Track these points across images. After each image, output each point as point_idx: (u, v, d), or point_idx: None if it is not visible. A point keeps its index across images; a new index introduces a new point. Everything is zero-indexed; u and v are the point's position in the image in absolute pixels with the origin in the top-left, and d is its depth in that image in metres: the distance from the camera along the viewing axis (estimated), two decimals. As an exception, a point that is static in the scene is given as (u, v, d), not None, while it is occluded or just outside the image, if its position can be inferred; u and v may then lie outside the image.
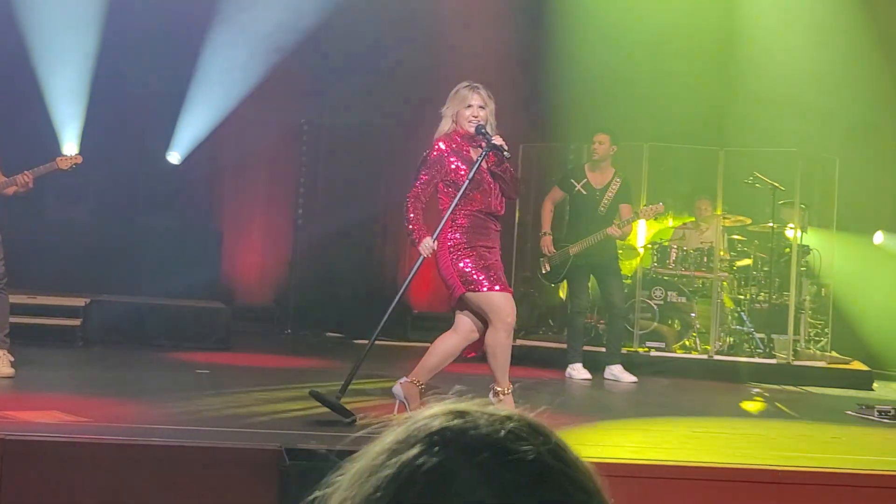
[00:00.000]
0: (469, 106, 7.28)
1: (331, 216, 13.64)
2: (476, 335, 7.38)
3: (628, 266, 12.39)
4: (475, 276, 7.15)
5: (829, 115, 13.05)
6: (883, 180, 13.33)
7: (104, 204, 13.10)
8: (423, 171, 7.34)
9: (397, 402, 7.38)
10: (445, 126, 7.39)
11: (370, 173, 13.68)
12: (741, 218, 12.42)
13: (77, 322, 10.60)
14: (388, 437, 1.32)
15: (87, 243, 12.64)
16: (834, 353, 12.29)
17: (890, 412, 8.80)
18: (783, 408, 9.33)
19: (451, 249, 7.26)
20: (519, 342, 11.72)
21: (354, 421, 6.68)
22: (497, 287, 7.18)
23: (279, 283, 14.02)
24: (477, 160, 7.22)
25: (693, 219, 12.66)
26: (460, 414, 1.32)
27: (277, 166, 13.91)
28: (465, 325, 7.39)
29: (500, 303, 7.20)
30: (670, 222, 13.05)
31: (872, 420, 8.70)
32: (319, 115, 13.74)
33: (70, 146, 12.02)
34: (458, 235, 7.27)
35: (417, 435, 1.29)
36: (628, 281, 12.17)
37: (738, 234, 12.65)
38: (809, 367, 11.73)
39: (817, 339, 12.55)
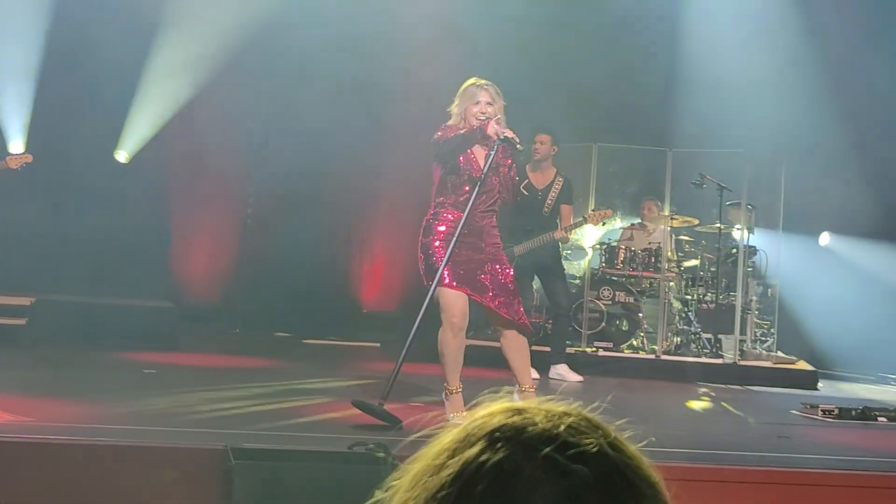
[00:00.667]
0: (477, 103, 7.28)
1: (280, 215, 13.60)
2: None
3: (576, 266, 12.44)
4: (436, 269, 7.13)
5: (776, 116, 13.16)
6: (829, 181, 13.46)
7: (51, 202, 12.99)
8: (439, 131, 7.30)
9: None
10: (453, 123, 7.38)
11: (320, 173, 13.64)
12: (689, 219, 12.50)
13: (22, 321, 10.50)
14: (447, 438, 1.33)
15: (34, 242, 12.53)
16: (780, 353, 12.40)
17: (834, 411, 8.88)
18: (729, 407, 9.39)
19: (433, 240, 7.23)
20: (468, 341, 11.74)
21: (401, 427, 6.60)
22: (454, 284, 7.18)
23: (228, 283, 13.96)
24: (489, 154, 7.20)
25: (640, 220, 12.72)
26: (518, 411, 1.33)
27: (226, 165, 13.84)
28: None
29: (450, 301, 7.20)
30: (618, 223, 13.11)
31: (816, 419, 8.78)
32: (269, 114, 13.69)
33: (16, 144, 11.91)
34: (443, 228, 7.25)
35: (478, 433, 1.30)
36: (576, 281, 12.22)
37: (685, 235, 12.74)
38: (755, 366, 11.82)
39: (763, 339, 12.65)
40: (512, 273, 7.48)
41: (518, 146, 7.25)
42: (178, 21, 12.80)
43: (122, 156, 13.07)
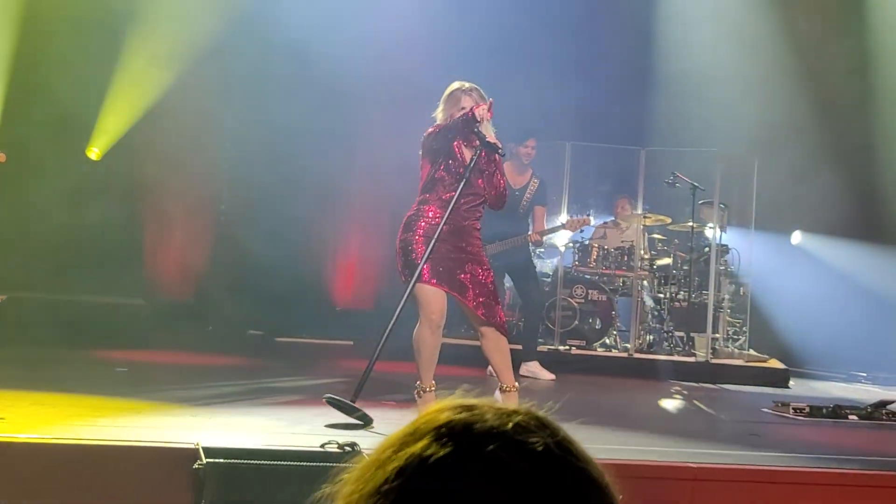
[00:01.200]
0: (462, 108, 7.26)
1: (253, 213, 13.56)
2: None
3: (549, 264, 12.47)
4: (415, 266, 7.12)
5: (748, 114, 13.22)
6: (801, 180, 13.52)
7: (22, 199, 12.90)
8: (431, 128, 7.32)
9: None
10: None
11: (293, 171, 13.61)
12: (661, 217, 12.54)
13: (-7, 319, 10.46)
14: (396, 433, 1.34)
15: (4, 239, 12.45)
16: (752, 352, 12.45)
17: (805, 409, 8.92)
18: (701, 405, 9.42)
19: (413, 236, 7.22)
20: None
21: (371, 424, 6.64)
22: (433, 281, 7.17)
23: (200, 280, 13.90)
24: (472, 157, 7.19)
25: (613, 218, 12.75)
26: (467, 408, 1.33)
27: (199, 162, 13.78)
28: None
29: (429, 297, 7.19)
30: (591, 221, 13.15)
31: (788, 418, 8.82)
32: (242, 111, 13.64)
33: None
34: (424, 224, 7.24)
35: (425, 429, 1.31)
36: (549, 279, 12.25)
37: (658, 234, 12.78)
38: (728, 364, 11.87)
39: (735, 337, 12.70)
40: (492, 276, 7.47)
41: (500, 151, 7.25)
42: (150, 17, 12.74)
43: (93, 152, 13.00)
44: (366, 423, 6.69)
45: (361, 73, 13.37)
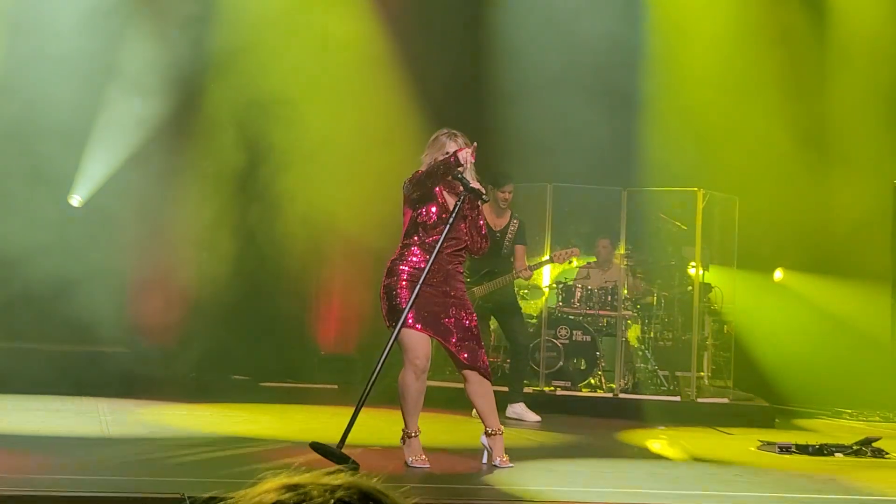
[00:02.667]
0: (446, 153, 7.28)
1: (235, 258, 13.54)
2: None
3: (534, 305, 12.48)
4: (400, 311, 7.10)
5: (729, 153, 13.28)
6: (781, 218, 13.58)
7: (2, 246, 12.86)
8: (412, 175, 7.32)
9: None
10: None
11: (275, 215, 13.61)
12: (644, 257, 12.57)
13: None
14: None
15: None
16: (737, 390, 12.46)
17: (791, 448, 8.93)
18: (687, 445, 9.41)
19: (397, 281, 7.21)
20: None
21: (357, 468, 6.58)
22: (418, 326, 7.17)
23: (183, 327, 13.86)
24: (456, 203, 7.20)
25: (594, 258, 12.77)
26: (293, 487, 1.33)
27: (180, 207, 13.77)
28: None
29: (414, 342, 7.18)
30: (574, 262, 13.17)
31: (774, 457, 8.82)
32: (222, 155, 13.64)
33: None
34: (407, 269, 7.24)
35: None
36: (534, 320, 12.25)
37: (641, 273, 12.79)
38: (713, 403, 11.87)
39: (720, 375, 12.71)
40: (476, 320, 7.46)
41: (484, 197, 7.28)
42: (129, 65, 12.77)
43: (75, 200, 12.99)
44: (352, 468, 6.65)
45: (344, 109, 13.43)
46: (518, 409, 10.67)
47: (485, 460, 7.47)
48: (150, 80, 12.84)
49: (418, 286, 7.05)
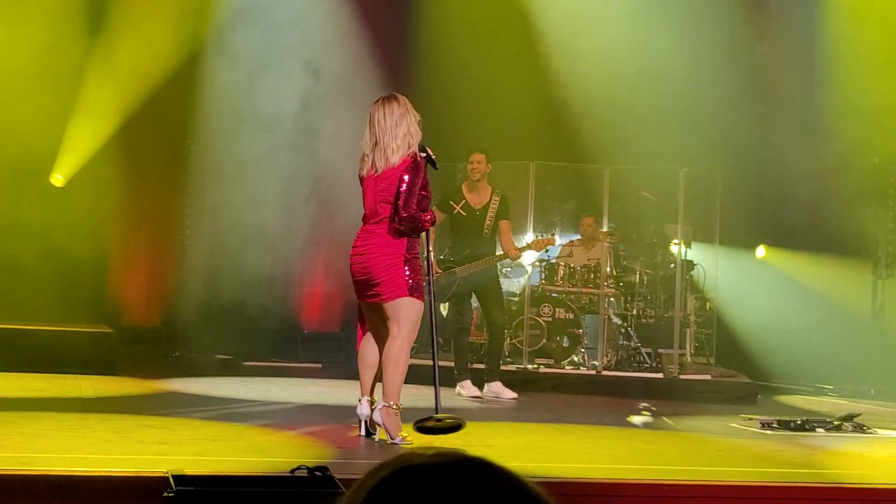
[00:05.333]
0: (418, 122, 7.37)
1: (218, 236, 13.52)
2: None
3: (516, 283, 12.49)
4: (419, 285, 7.27)
5: (711, 130, 13.29)
6: (763, 195, 13.61)
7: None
8: None
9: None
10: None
11: (258, 194, 13.60)
12: (627, 234, 12.59)
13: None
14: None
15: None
16: (719, 367, 12.50)
17: (773, 424, 8.97)
18: (669, 422, 9.45)
19: (405, 255, 7.28)
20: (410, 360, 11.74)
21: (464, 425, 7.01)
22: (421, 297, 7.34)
23: (167, 305, 13.85)
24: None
25: (579, 236, 12.79)
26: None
27: (164, 187, 13.75)
28: (384, 329, 7.34)
29: (420, 314, 7.33)
30: (557, 240, 13.20)
31: (756, 432, 8.86)
32: (207, 136, 13.62)
33: None
34: (407, 242, 7.30)
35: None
36: (516, 298, 12.26)
37: (623, 251, 12.80)
38: (695, 380, 11.91)
39: (702, 352, 12.75)
40: None
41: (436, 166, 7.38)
42: (112, 40, 12.73)
43: (57, 179, 12.95)
44: (462, 425, 7.01)
45: (332, 87, 13.43)
46: (495, 388, 10.67)
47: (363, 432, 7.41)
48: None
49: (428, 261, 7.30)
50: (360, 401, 7.36)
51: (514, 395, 10.64)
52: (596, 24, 13.34)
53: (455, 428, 6.99)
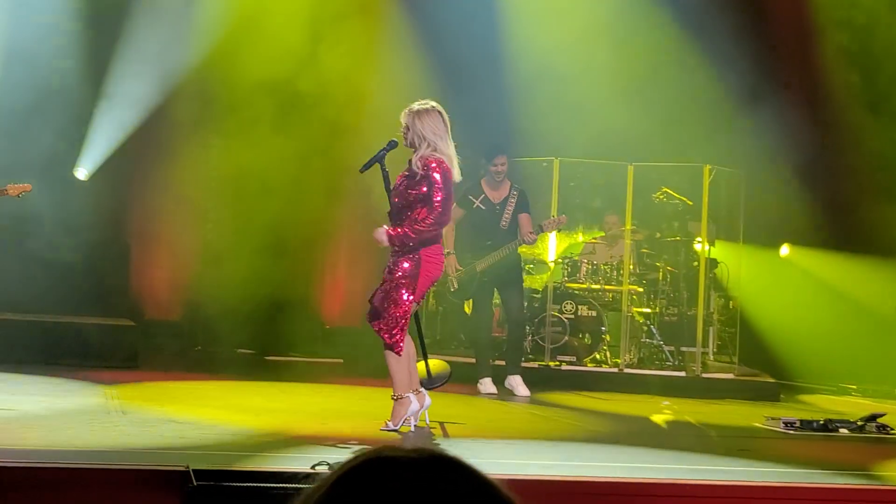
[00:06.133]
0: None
1: (240, 231, 13.53)
2: None
3: (539, 280, 12.46)
4: None
5: (736, 129, 13.23)
6: (788, 193, 13.52)
7: (9, 218, 12.86)
8: None
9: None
10: None
11: (280, 188, 13.60)
12: (650, 232, 12.54)
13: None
14: None
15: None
16: (742, 366, 12.44)
17: (795, 424, 8.92)
18: (691, 420, 9.41)
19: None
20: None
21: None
22: None
23: (188, 299, 13.86)
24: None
25: (603, 233, 12.76)
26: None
27: (186, 180, 13.75)
28: None
29: None
30: (580, 237, 13.17)
31: (779, 432, 8.81)
32: (227, 130, 13.62)
33: None
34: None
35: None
36: (538, 295, 12.22)
37: (647, 248, 12.75)
38: (718, 379, 11.86)
39: (725, 351, 12.69)
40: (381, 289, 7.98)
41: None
42: (136, 38, 12.73)
43: (81, 173, 12.97)
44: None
45: (348, 85, 13.42)
46: (513, 382, 10.66)
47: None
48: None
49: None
50: (414, 394, 7.59)
51: (527, 393, 10.59)
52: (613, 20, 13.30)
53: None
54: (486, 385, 10.58)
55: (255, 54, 12.79)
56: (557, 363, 11.86)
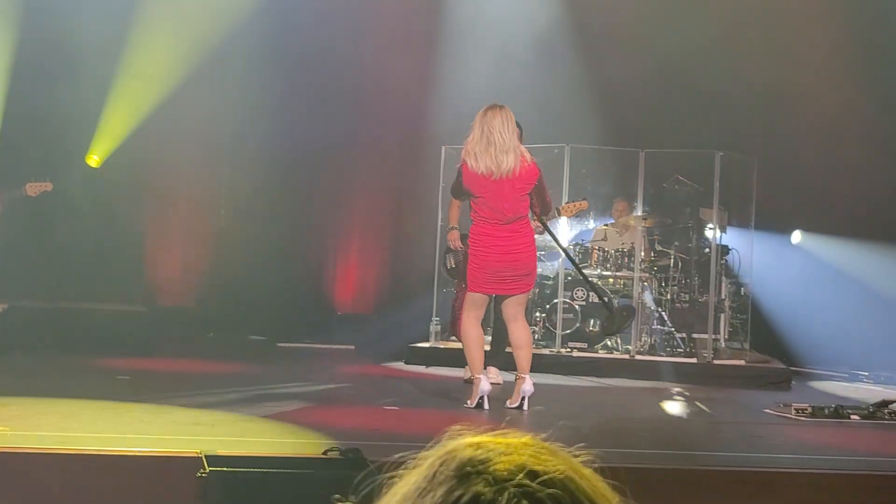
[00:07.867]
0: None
1: (253, 218, 13.57)
2: None
3: (550, 267, 12.45)
4: None
5: (748, 115, 13.21)
6: (800, 180, 13.50)
7: (22, 206, 12.89)
8: None
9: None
10: None
11: (293, 176, 13.63)
12: (661, 219, 12.53)
13: (-5, 327, 10.44)
14: (413, 476, 1.39)
15: (4, 248, 12.43)
16: (753, 352, 12.43)
17: (807, 410, 8.91)
18: (703, 407, 9.41)
19: None
20: (443, 344, 11.75)
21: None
22: None
23: (201, 286, 13.91)
24: None
25: (615, 220, 12.75)
26: (477, 445, 1.36)
27: (199, 168, 13.78)
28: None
29: None
30: (591, 224, 13.16)
31: (790, 418, 8.81)
32: (241, 118, 13.65)
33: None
34: None
35: (445, 470, 1.36)
36: (550, 282, 12.23)
37: (658, 235, 12.74)
38: (729, 365, 11.85)
39: (736, 337, 12.68)
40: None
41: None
42: (150, 23, 12.74)
43: (93, 160, 13.00)
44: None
45: (365, 75, 13.43)
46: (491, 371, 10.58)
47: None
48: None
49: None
50: (480, 377, 8.17)
51: (500, 382, 10.35)
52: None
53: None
54: (491, 374, 10.54)
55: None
56: (569, 350, 11.87)
